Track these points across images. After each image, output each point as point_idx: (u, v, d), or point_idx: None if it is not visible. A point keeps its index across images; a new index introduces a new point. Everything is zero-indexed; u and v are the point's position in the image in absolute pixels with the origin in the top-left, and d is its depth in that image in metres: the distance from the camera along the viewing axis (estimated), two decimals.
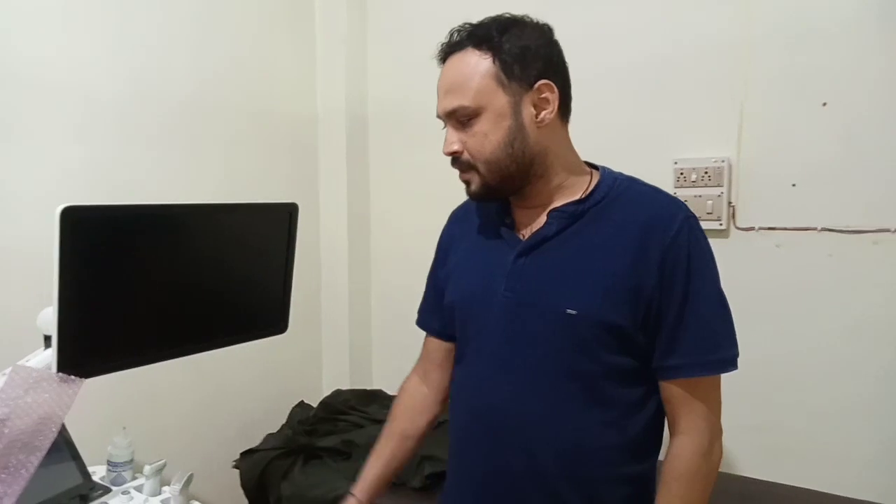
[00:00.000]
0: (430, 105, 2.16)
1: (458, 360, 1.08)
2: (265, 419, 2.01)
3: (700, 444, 0.92)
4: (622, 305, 0.90)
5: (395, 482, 1.62)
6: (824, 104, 1.52)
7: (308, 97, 2.20)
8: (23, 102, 1.41)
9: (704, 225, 1.60)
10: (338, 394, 2.04)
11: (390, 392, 2.11)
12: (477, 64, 0.92)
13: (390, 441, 1.16)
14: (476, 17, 2.23)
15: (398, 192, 2.24)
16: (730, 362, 0.93)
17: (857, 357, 1.52)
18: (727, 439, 1.65)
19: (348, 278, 2.22)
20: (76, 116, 1.51)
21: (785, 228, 1.58)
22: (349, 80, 2.18)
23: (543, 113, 0.94)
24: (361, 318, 2.30)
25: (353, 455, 1.71)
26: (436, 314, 1.15)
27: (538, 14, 0.98)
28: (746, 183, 1.62)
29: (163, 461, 1.30)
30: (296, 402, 2.09)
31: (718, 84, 1.63)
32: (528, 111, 0.93)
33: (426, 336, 1.19)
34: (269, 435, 1.89)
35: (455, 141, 0.95)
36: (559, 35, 0.98)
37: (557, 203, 0.97)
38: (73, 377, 0.95)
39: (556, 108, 0.94)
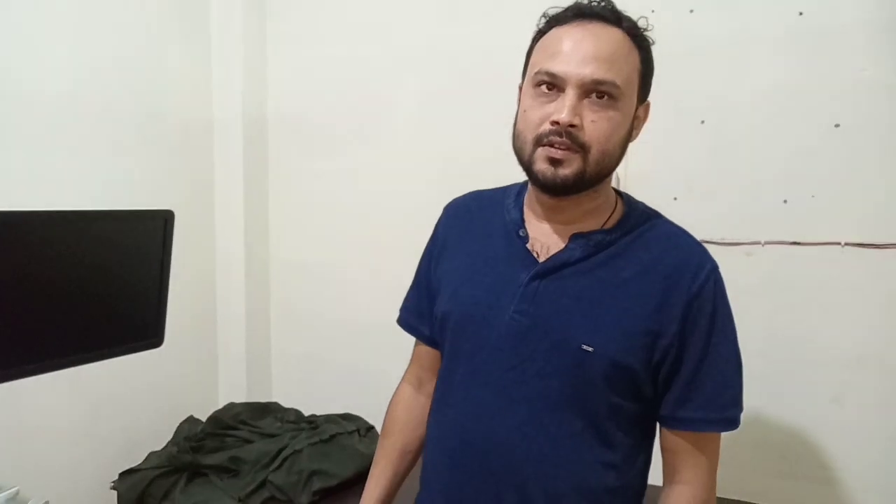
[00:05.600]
0: (332, 112, 2.14)
1: (445, 376, 0.99)
2: (152, 435, 1.90)
3: (699, 496, 0.91)
4: (638, 349, 0.87)
5: (281, 499, 1.59)
6: (702, 122, 1.59)
7: (203, 100, 2.10)
8: None
9: None
10: (230, 407, 1.96)
11: (286, 404, 2.05)
12: (631, 51, 0.87)
13: (391, 460, 1.09)
14: (380, 26, 2.23)
15: (298, 200, 2.19)
16: (737, 421, 0.91)
17: None
18: None
19: (245, 288, 2.15)
20: None
21: None
22: (247, 82, 2.11)
23: (635, 132, 0.92)
24: (260, 328, 2.23)
25: (240, 472, 1.65)
26: (425, 318, 1.06)
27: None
28: (634, 195, 1.67)
29: (16, 488, 1.20)
30: (184, 417, 1.99)
31: None
32: (632, 123, 0.90)
33: (416, 342, 1.11)
34: (153, 453, 1.79)
35: (579, 114, 0.83)
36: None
37: (583, 225, 0.91)
38: None
39: (640, 131, 0.93)
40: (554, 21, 0.89)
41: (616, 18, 0.86)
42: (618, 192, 0.97)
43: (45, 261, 1.11)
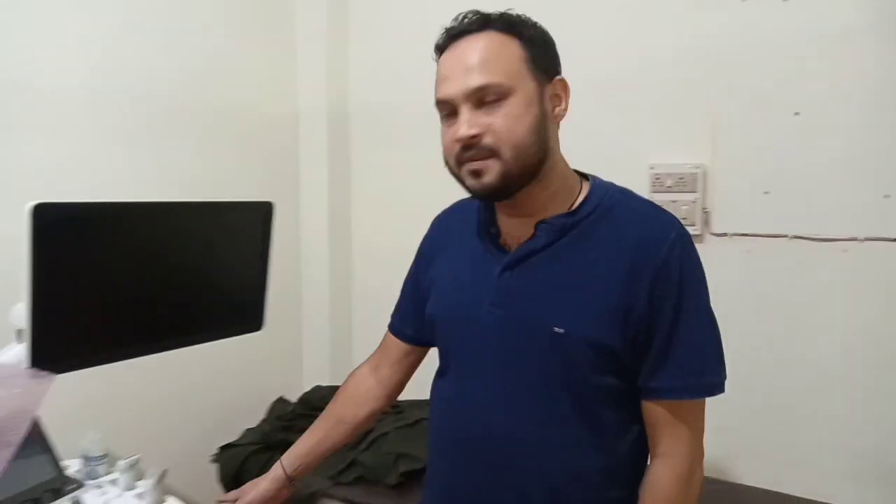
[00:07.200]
0: (413, 104, 2.19)
1: (442, 373, 1.04)
2: (245, 414, 2.02)
3: (681, 468, 0.89)
4: (612, 325, 0.87)
5: (369, 479, 1.66)
6: (796, 113, 1.54)
7: (288, 95, 2.19)
8: None
9: None
10: (317, 389, 2.06)
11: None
12: (506, 44, 0.87)
13: (325, 422, 1.17)
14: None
15: (380, 191, 2.25)
16: (717, 386, 0.90)
17: (822, 362, 1.55)
18: None
19: (329, 275, 2.23)
20: (47, 113, 1.50)
21: (757, 235, 1.61)
22: (330, 78, 2.18)
23: (558, 109, 0.91)
24: (342, 314, 2.31)
25: None
26: (411, 321, 1.13)
27: (549, 29, 0.97)
28: (721, 189, 1.64)
29: (137, 456, 1.31)
30: (276, 397, 2.10)
31: (692, 92, 1.65)
32: (546, 104, 0.89)
33: (387, 332, 1.18)
34: (248, 430, 1.90)
35: (475, 124, 0.86)
36: None
37: (546, 213, 0.92)
38: (45, 372, 0.97)
39: (566, 107, 0.92)
40: (437, 51, 0.94)
41: (482, 24, 0.89)
42: (583, 175, 0.98)
43: (161, 248, 1.20)
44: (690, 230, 1.62)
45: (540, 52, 0.90)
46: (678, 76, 1.67)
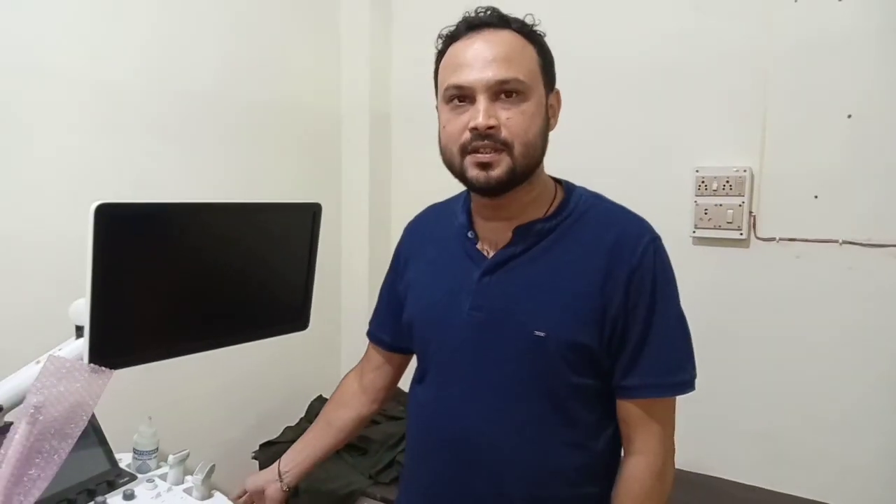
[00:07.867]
0: None
1: (420, 378, 1.05)
2: (284, 412, 2.05)
3: (654, 464, 0.92)
4: (590, 326, 0.90)
5: None
6: (849, 116, 1.51)
7: (332, 94, 2.22)
8: (49, 97, 1.43)
9: (724, 234, 1.64)
10: None
11: (407, 389, 2.13)
12: (525, 47, 0.90)
13: (316, 425, 1.20)
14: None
15: (420, 189, 2.25)
16: (688, 384, 0.93)
17: (870, 371, 1.52)
18: (730, 443, 1.67)
19: (369, 275, 2.25)
20: (101, 112, 1.54)
21: (806, 240, 1.57)
22: (373, 77, 2.20)
23: (552, 121, 0.95)
24: None
25: (368, 451, 1.74)
26: (387, 328, 1.15)
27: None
28: (768, 193, 1.61)
29: (186, 451, 1.34)
30: (315, 396, 2.12)
31: (741, 93, 1.63)
32: (547, 113, 0.93)
33: (370, 342, 1.21)
34: (288, 428, 1.92)
35: (493, 115, 0.87)
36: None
37: (525, 218, 0.94)
38: (103, 368, 0.99)
39: (557, 120, 0.95)
40: (449, 39, 0.95)
41: (503, 22, 0.91)
42: (557, 180, 0.99)
43: (214, 248, 1.22)
44: (736, 234, 1.63)
45: (549, 61, 0.93)
46: (726, 76, 1.64)
